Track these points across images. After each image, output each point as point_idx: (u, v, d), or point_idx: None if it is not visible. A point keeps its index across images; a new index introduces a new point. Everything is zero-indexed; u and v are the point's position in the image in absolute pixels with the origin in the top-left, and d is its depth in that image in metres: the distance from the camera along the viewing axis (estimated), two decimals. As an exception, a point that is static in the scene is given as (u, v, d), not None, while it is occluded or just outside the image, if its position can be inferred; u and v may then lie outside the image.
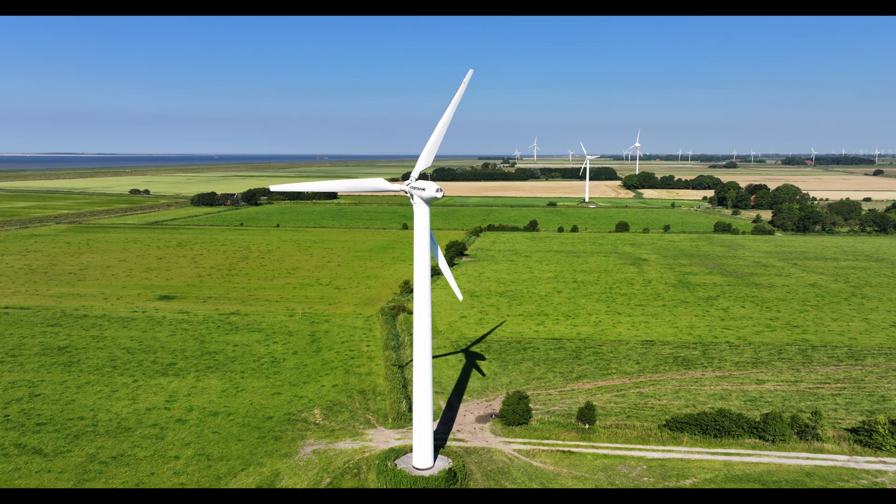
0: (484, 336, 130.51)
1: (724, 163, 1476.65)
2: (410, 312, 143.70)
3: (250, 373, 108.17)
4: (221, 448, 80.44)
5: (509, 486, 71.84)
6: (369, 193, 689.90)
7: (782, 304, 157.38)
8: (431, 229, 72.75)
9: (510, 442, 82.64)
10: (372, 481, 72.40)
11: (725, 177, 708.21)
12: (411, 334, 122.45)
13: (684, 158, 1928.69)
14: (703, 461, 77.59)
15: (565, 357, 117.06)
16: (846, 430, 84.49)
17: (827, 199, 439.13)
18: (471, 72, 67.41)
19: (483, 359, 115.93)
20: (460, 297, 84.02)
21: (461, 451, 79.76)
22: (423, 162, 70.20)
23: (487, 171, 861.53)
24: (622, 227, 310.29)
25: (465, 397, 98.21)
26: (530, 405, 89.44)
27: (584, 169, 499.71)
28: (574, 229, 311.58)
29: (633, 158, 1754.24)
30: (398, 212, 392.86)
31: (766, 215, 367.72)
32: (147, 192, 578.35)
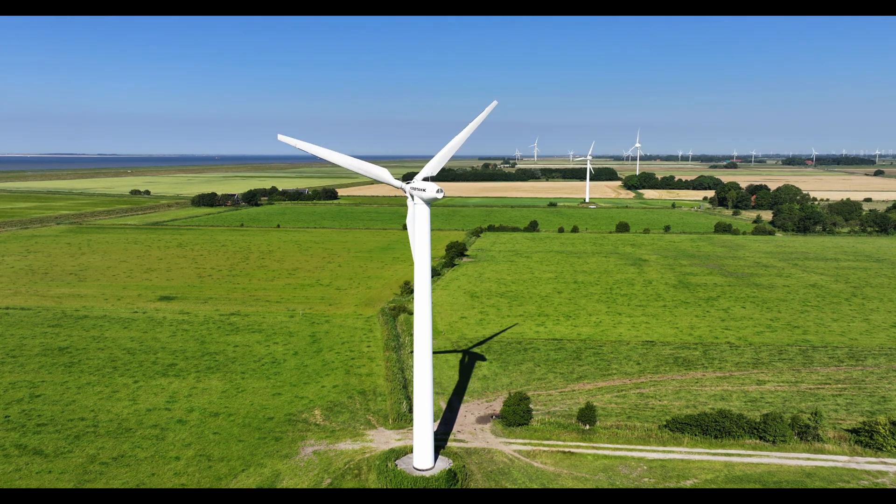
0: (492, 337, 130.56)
1: (724, 163, 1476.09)
2: (411, 313, 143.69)
3: (251, 373, 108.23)
4: (222, 449, 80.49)
5: (510, 486, 71.85)
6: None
7: (783, 305, 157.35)
8: (432, 229, 72.86)
9: (511, 443, 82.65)
10: (372, 482, 72.44)
11: (726, 177, 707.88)
12: (412, 335, 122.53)
13: (685, 159, 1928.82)
14: (703, 462, 77.60)
15: (566, 358, 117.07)
16: (847, 430, 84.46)
17: (827, 200, 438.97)
18: (494, 103, 68.92)
19: (483, 359, 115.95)
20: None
21: (462, 452, 79.77)
22: (430, 169, 71.15)
23: (488, 172, 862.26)
24: (623, 227, 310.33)
25: (465, 398, 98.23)
26: (531, 406, 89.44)
27: (587, 161, 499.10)
28: (574, 230, 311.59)
29: (634, 159, 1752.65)
30: (398, 212, 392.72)
31: (767, 216, 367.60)
32: (148, 192, 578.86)
